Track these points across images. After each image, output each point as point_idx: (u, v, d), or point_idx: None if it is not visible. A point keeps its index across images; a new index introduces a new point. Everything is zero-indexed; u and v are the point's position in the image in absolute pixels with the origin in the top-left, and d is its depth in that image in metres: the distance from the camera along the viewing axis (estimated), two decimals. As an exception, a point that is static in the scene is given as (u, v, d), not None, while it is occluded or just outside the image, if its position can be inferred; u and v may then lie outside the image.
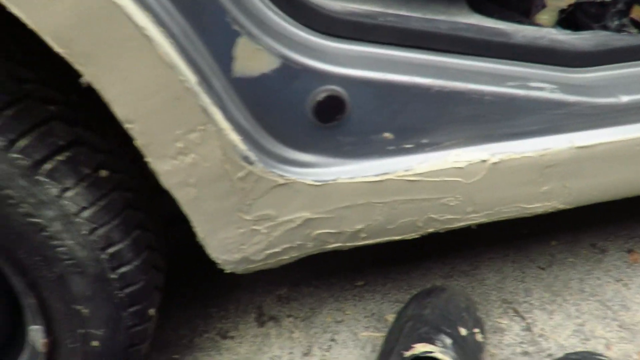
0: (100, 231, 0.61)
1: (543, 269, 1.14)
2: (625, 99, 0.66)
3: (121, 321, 0.68)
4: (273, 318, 1.06)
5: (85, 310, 0.65)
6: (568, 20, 1.18)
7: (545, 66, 0.66)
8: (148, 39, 0.45)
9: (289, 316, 1.06)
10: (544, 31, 0.73)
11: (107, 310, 0.66)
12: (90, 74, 0.47)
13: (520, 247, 1.20)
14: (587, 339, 0.97)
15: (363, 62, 0.60)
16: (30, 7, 0.41)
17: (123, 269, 0.64)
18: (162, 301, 0.80)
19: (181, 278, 1.17)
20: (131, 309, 0.68)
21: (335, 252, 0.85)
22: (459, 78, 0.62)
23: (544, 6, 1.20)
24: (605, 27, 1.08)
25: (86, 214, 0.59)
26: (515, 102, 0.63)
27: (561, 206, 0.74)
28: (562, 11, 1.18)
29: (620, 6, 1.05)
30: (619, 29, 1.05)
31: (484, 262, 1.17)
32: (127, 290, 0.66)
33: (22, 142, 0.54)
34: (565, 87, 0.66)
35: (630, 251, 1.16)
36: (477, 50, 0.64)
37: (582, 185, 0.71)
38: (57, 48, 0.44)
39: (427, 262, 1.18)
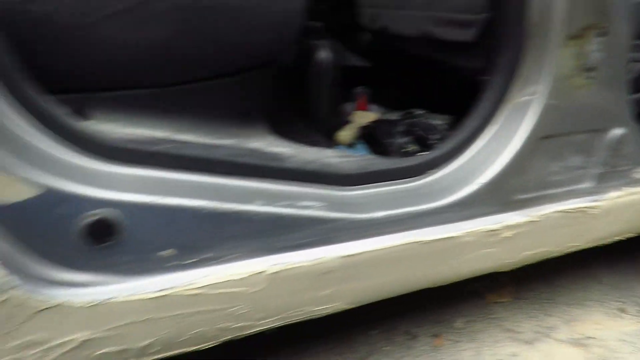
0: None
1: (363, 358, 1.21)
2: (380, 214, 0.79)
3: None
4: None
5: None
6: (369, 136, 1.39)
7: (314, 186, 0.77)
8: None
9: None
10: (320, 154, 0.85)
11: None
12: None
13: (344, 338, 1.27)
14: None
15: (139, 186, 0.64)
16: None
17: None
18: None
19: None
20: None
21: None
22: (233, 199, 0.69)
23: (349, 123, 1.41)
24: (393, 144, 1.30)
25: None
26: (286, 219, 0.72)
27: (345, 306, 0.83)
28: (364, 128, 1.39)
29: (402, 127, 1.28)
30: (402, 146, 1.27)
31: (308, 355, 1.21)
32: None
33: None
34: (331, 204, 0.77)
35: (435, 335, 1.29)
36: (251, 173, 0.73)
37: (358, 288, 0.81)
38: None
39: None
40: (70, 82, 0.68)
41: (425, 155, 0.85)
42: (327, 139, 1.19)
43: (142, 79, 0.72)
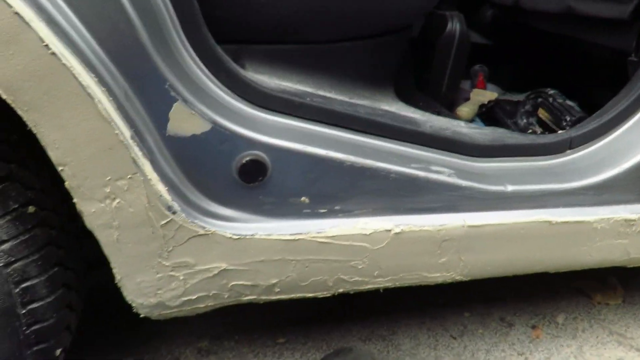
0: (17, 265, 0.63)
1: (455, 338, 1.21)
2: (510, 188, 0.77)
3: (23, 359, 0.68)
4: (189, 370, 1.06)
5: (-16, 346, 0.65)
6: (487, 114, 1.35)
7: (446, 153, 0.77)
8: (89, 96, 0.51)
9: (205, 370, 1.06)
10: (451, 123, 0.85)
11: (9, 348, 0.66)
12: (30, 120, 0.52)
13: (436, 315, 1.28)
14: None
15: (287, 134, 0.68)
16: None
17: (34, 305, 0.65)
18: (74, 344, 0.80)
19: (100, 321, 1.15)
20: (36, 348, 0.68)
21: (260, 307, 0.88)
22: (371, 156, 0.71)
23: (467, 99, 1.37)
24: (515, 124, 1.25)
25: (5, 246, 0.61)
26: (417, 181, 0.73)
27: (458, 277, 0.83)
28: (482, 106, 1.35)
29: (528, 107, 1.22)
30: (527, 126, 1.21)
31: (401, 328, 1.23)
32: (35, 328, 0.66)
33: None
34: (461, 173, 0.76)
35: (534, 327, 1.25)
36: (388, 133, 0.74)
37: (476, 260, 0.80)
38: (4, 95, 0.50)
39: (348, 323, 1.22)
40: (230, 33, 0.73)
41: (565, 134, 0.81)
42: (448, 112, 1.17)
43: (294, 35, 0.76)
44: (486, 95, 1.36)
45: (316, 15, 0.74)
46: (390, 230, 0.73)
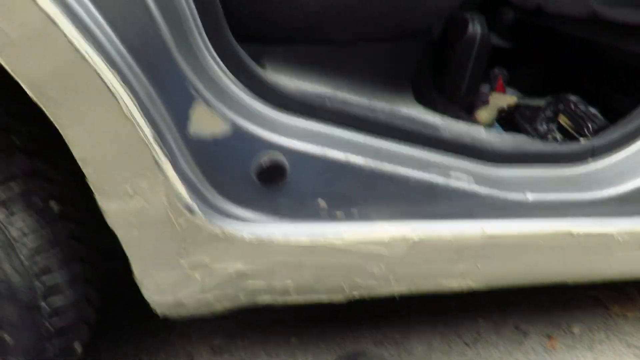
0: (39, 258, 0.63)
1: (468, 345, 1.20)
2: (531, 196, 0.76)
3: (44, 352, 0.68)
4: (202, 368, 1.07)
5: (7, 337, 0.66)
6: (506, 119, 1.33)
7: (466, 159, 0.76)
8: (112, 93, 0.51)
9: (218, 368, 1.07)
10: (470, 129, 0.83)
11: (31, 340, 0.67)
12: (54, 116, 0.52)
13: (449, 321, 1.26)
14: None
15: (306, 136, 0.68)
16: (11, 59, 0.48)
17: (55, 299, 0.66)
18: (91, 339, 0.80)
19: (115, 318, 1.17)
20: (56, 341, 0.69)
21: (274, 307, 0.88)
22: (390, 160, 0.71)
23: (485, 102, 1.35)
24: (535, 130, 1.23)
25: (28, 240, 0.62)
26: (435, 187, 0.72)
27: (475, 285, 0.82)
28: (501, 111, 1.33)
29: (548, 113, 1.20)
30: (547, 133, 1.19)
31: (414, 333, 1.22)
32: (55, 321, 0.67)
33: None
34: (481, 179, 0.75)
35: (549, 336, 1.23)
36: (408, 137, 0.73)
37: (493, 269, 0.79)
38: (30, 92, 0.50)
39: (360, 327, 1.21)
40: (252, 32, 0.73)
41: (588, 142, 0.80)
42: (467, 116, 1.16)
43: (319, 34, 0.75)
44: (505, 99, 1.34)
45: (340, 15, 0.73)
46: (407, 236, 0.72)
